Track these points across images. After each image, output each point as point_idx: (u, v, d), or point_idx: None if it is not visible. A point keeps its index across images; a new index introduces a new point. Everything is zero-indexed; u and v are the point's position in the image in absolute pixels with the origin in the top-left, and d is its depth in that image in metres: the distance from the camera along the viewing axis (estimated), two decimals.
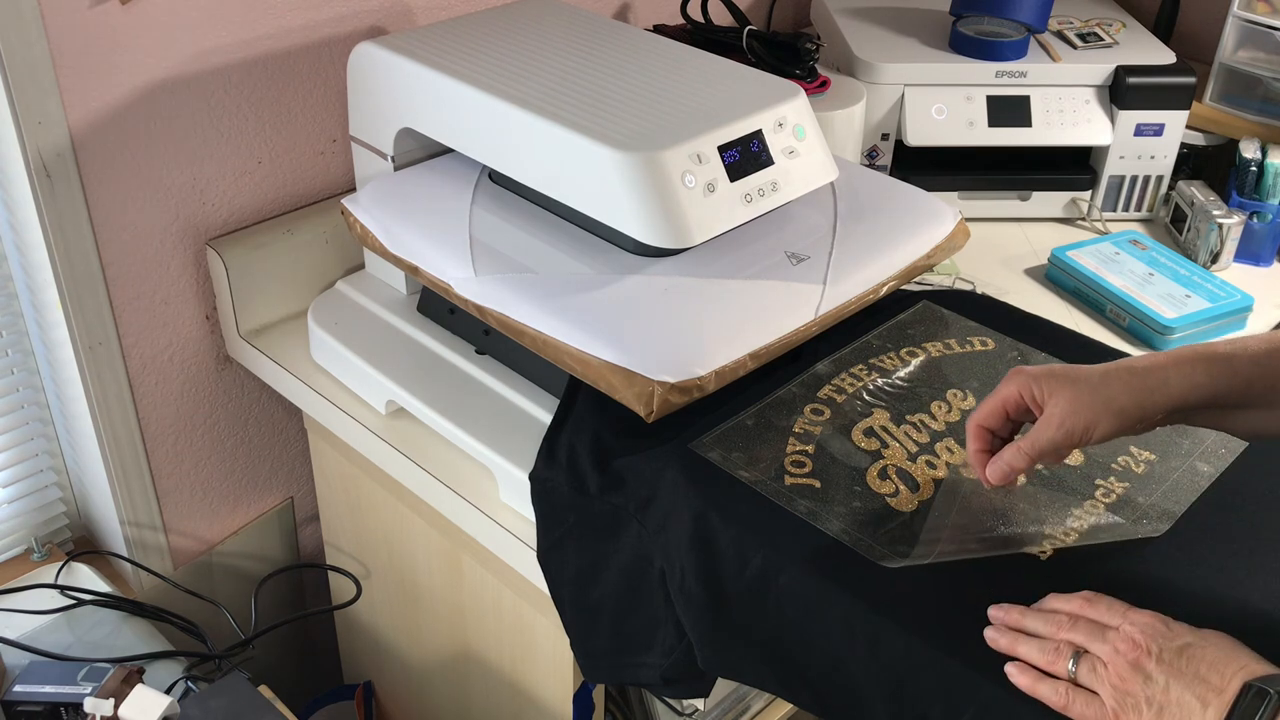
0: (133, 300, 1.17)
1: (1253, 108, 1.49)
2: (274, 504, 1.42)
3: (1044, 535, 0.84)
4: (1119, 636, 0.71)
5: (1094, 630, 0.72)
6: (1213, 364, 0.79)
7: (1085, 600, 0.75)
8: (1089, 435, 0.79)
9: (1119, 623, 0.72)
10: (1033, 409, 0.82)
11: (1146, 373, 0.79)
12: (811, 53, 1.38)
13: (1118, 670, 0.69)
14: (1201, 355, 0.80)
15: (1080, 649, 0.72)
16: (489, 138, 1.02)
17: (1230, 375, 0.79)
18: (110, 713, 0.97)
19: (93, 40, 1.05)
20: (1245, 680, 0.66)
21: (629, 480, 0.92)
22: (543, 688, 1.15)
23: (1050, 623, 0.74)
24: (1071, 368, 0.81)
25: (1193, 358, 0.80)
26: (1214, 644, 0.69)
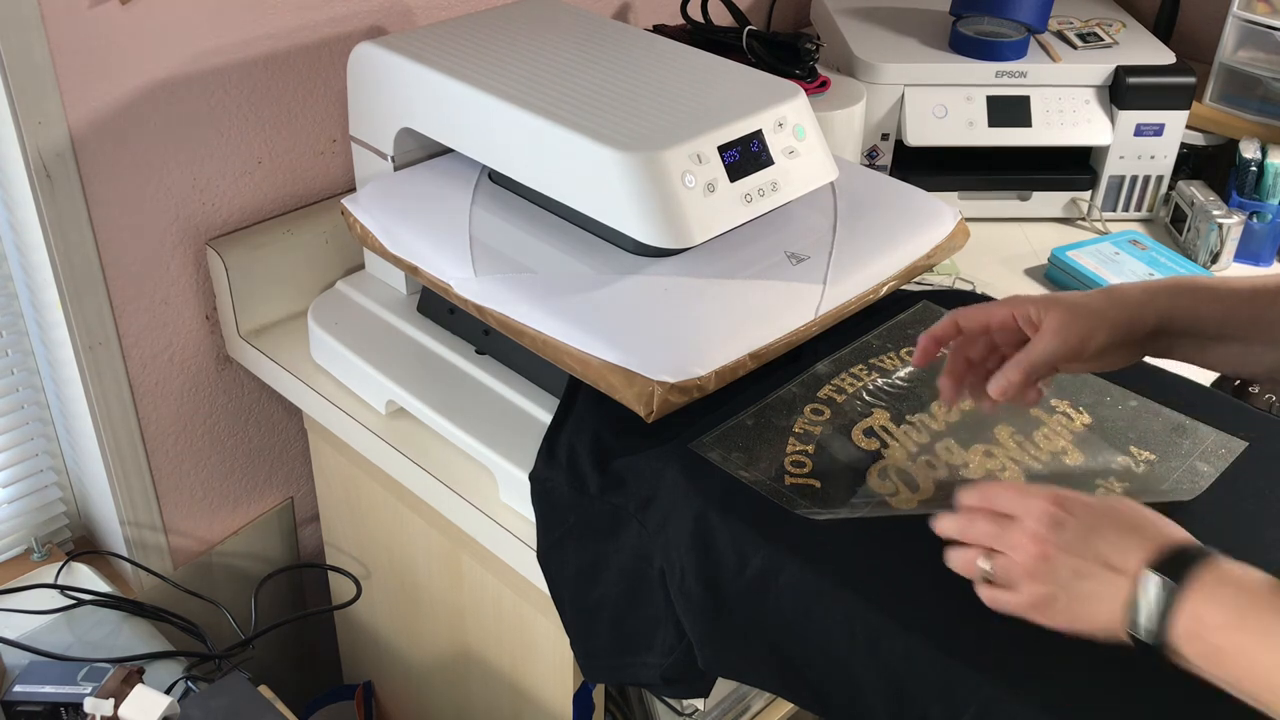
0: (133, 300, 1.17)
1: (1253, 108, 1.49)
2: (274, 504, 1.42)
3: None
4: (1021, 532, 0.72)
5: (996, 528, 0.73)
6: (1197, 290, 0.82)
7: (985, 493, 0.76)
8: (1085, 345, 0.80)
9: (1019, 512, 0.73)
10: (1026, 330, 0.83)
11: (1131, 290, 0.83)
12: (811, 53, 1.38)
13: (1025, 567, 0.71)
14: (1187, 281, 0.83)
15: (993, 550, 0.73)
16: (489, 138, 1.02)
17: (1212, 302, 0.82)
18: (110, 713, 0.97)
19: (93, 40, 1.05)
20: (1145, 560, 0.67)
21: (629, 480, 0.92)
22: (543, 688, 1.15)
23: (961, 523, 0.76)
24: (1055, 294, 0.84)
25: (1176, 283, 0.83)
26: (1110, 518, 0.70)
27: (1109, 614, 0.68)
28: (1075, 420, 0.96)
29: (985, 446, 0.93)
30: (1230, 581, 0.65)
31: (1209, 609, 0.65)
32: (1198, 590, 0.65)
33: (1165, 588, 0.66)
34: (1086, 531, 0.70)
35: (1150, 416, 0.97)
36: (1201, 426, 0.95)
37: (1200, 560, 0.66)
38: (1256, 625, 0.63)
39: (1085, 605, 0.69)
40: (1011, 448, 0.93)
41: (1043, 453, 0.93)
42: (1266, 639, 0.63)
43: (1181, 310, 0.81)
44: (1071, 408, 0.97)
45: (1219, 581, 0.65)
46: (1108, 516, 0.71)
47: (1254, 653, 0.63)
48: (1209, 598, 0.65)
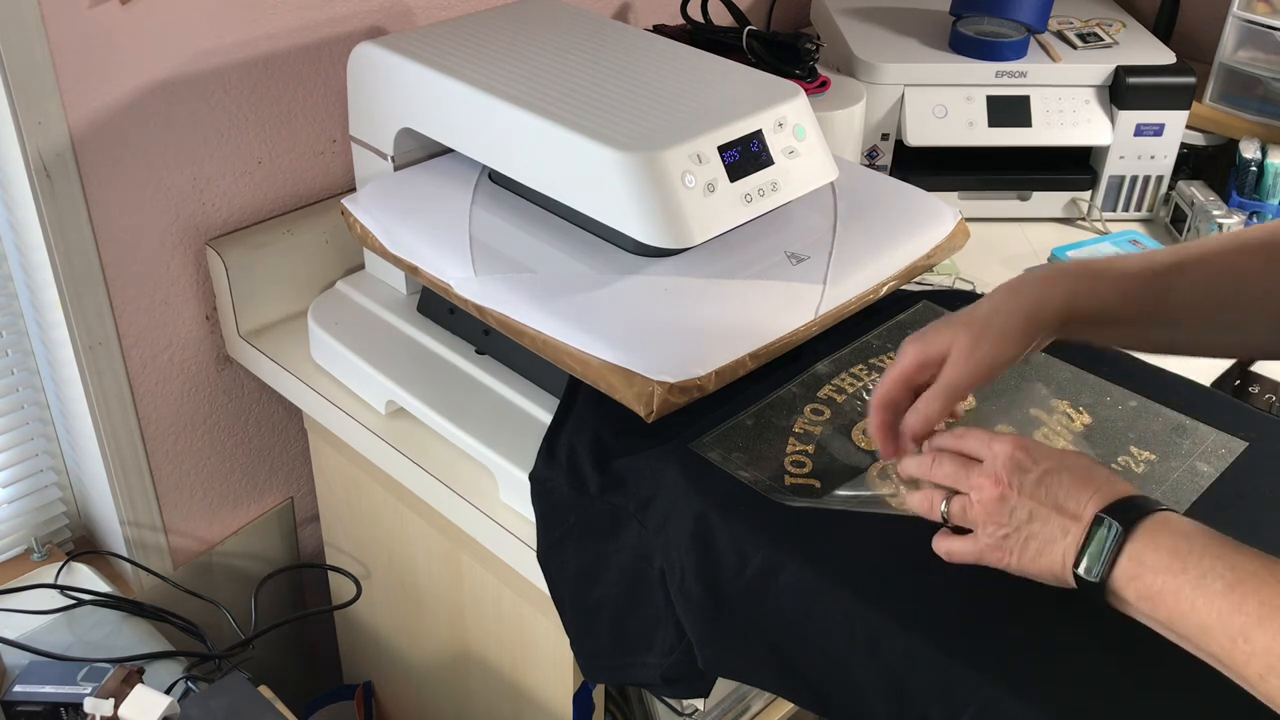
0: (133, 300, 1.17)
1: (1253, 108, 1.49)
2: (274, 504, 1.42)
3: None
4: (982, 472, 0.74)
5: (960, 468, 0.76)
6: (1096, 278, 0.83)
7: (956, 435, 0.78)
8: (997, 362, 0.81)
9: (984, 453, 0.75)
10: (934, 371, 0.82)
11: (1027, 288, 0.82)
12: (811, 53, 1.38)
13: (984, 507, 0.74)
14: (1083, 267, 0.84)
15: (952, 490, 0.76)
16: (489, 138, 1.02)
17: (1112, 287, 0.82)
18: (110, 713, 0.97)
19: (93, 40, 1.05)
20: (1098, 507, 0.70)
21: (629, 480, 0.92)
22: (543, 688, 1.15)
23: (923, 464, 0.78)
24: (952, 315, 0.83)
25: (1075, 270, 0.84)
26: (1070, 469, 0.73)
27: (1058, 556, 0.71)
28: (1075, 420, 0.96)
29: None
30: (1174, 529, 0.68)
31: (1151, 552, 0.68)
32: (1143, 535, 0.68)
33: (1114, 530, 0.69)
34: (1045, 476, 0.73)
35: (1150, 416, 0.97)
36: (1201, 426, 0.95)
37: (1149, 509, 0.70)
38: (1195, 568, 0.66)
39: (1037, 547, 0.72)
40: None
41: None
42: (1202, 580, 0.65)
43: (1082, 299, 0.83)
44: (1071, 408, 0.97)
45: (1164, 529, 0.68)
46: (1066, 466, 0.74)
47: (1189, 595, 0.65)
48: (1152, 542, 0.68)
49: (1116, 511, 0.70)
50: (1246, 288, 0.83)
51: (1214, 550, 0.66)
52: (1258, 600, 0.63)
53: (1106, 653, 0.74)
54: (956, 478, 0.76)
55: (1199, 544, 0.67)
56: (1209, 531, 0.68)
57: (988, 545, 0.74)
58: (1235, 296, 0.83)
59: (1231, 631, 0.63)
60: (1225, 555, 0.66)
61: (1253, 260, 0.83)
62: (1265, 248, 0.83)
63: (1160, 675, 0.73)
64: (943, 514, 0.77)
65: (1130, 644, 0.72)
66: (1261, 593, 0.63)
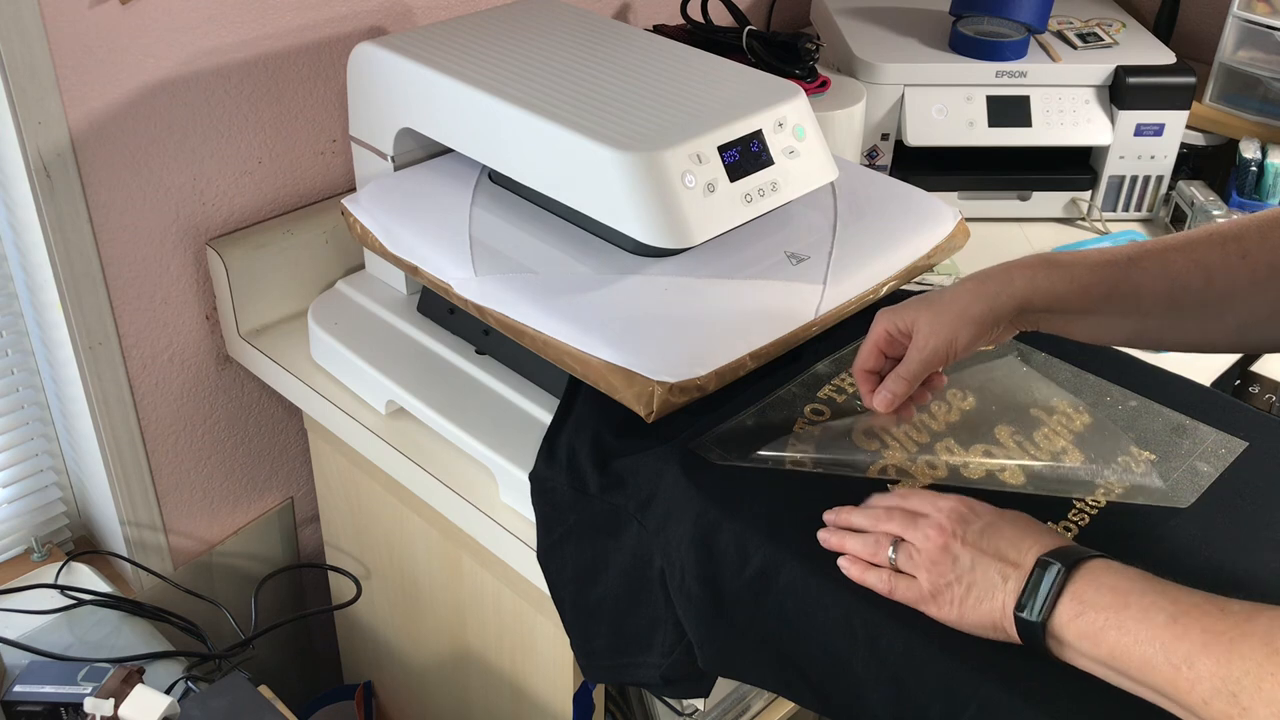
0: (133, 300, 1.17)
1: (1253, 108, 1.49)
2: (274, 504, 1.42)
3: None
4: (929, 523, 0.77)
5: (908, 520, 0.79)
6: (1053, 269, 0.85)
7: (900, 495, 0.82)
8: (954, 347, 0.86)
9: (929, 510, 0.78)
10: (903, 341, 0.89)
11: (991, 277, 0.86)
12: (811, 53, 1.38)
13: (929, 554, 0.76)
14: (1044, 260, 0.86)
15: (898, 538, 0.78)
16: (489, 138, 1.02)
17: (1069, 280, 0.85)
18: (110, 713, 0.97)
19: (93, 40, 1.05)
20: (1039, 554, 0.73)
21: (629, 480, 0.92)
22: (543, 688, 1.15)
23: (871, 517, 0.81)
24: (925, 295, 0.89)
25: (1036, 262, 0.86)
26: (1011, 522, 0.76)
27: (999, 602, 0.73)
28: (1075, 420, 0.96)
29: (985, 446, 0.93)
30: (1115, 571, 0.70)
31: (1093, 591, 0.69)
32: (1085, 576, 0.70)
33: (1056, 572, 0.71)
34: (987, 528, 0.76)
35: (1150, 416, 0.97)
36: (1201, 426, 0.95)
37: (1089, 556, 0.72)
38: (1138, 604, 0.67)
39: (978, 594, 0.74)
40: (1011, 448, 0.93)
41: (1043, 453, 0.93)
42: (1145, 614, 0.67)
43: (1040, 290, 0.85)
44: (1071, 408, 0.97)
45: (1105, 570, 0.70)
46: (1008, 519, 0.77)
47: (1132, 628, 0.67)
48: (1094, 582, 0.70)
49: (1058, 556, 0.72)
50: (1215, 282, 0.83)
51: (1156, 588, 0.68)
52: (1200, 629, 0.64)
53: None
54: (904, 527, 0.79)
55: (1140, 584, 0.69)
56: (1148, 575, 0.70)
57: (930, 592, 0.76)
58: (1203, 290, 0.84)
59: (1175, 660, 0.64)
60: (1167, 592, 0.68)
61: (1224, 254, 0.83)
62: (1238, 240, 0.83)
63: None
64: (890, 559, 0.78)
65: None
66: (1204, 621, 0.64)
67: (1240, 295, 0.83)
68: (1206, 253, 0.84)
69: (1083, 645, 0.69)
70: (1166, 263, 0.84)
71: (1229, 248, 0.83)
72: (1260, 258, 0.83)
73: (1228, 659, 0.62)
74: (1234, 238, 0.83)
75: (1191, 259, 0.84)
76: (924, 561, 0.76)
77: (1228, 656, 0.62)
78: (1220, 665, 0.62)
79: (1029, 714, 0.72)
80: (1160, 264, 0.84)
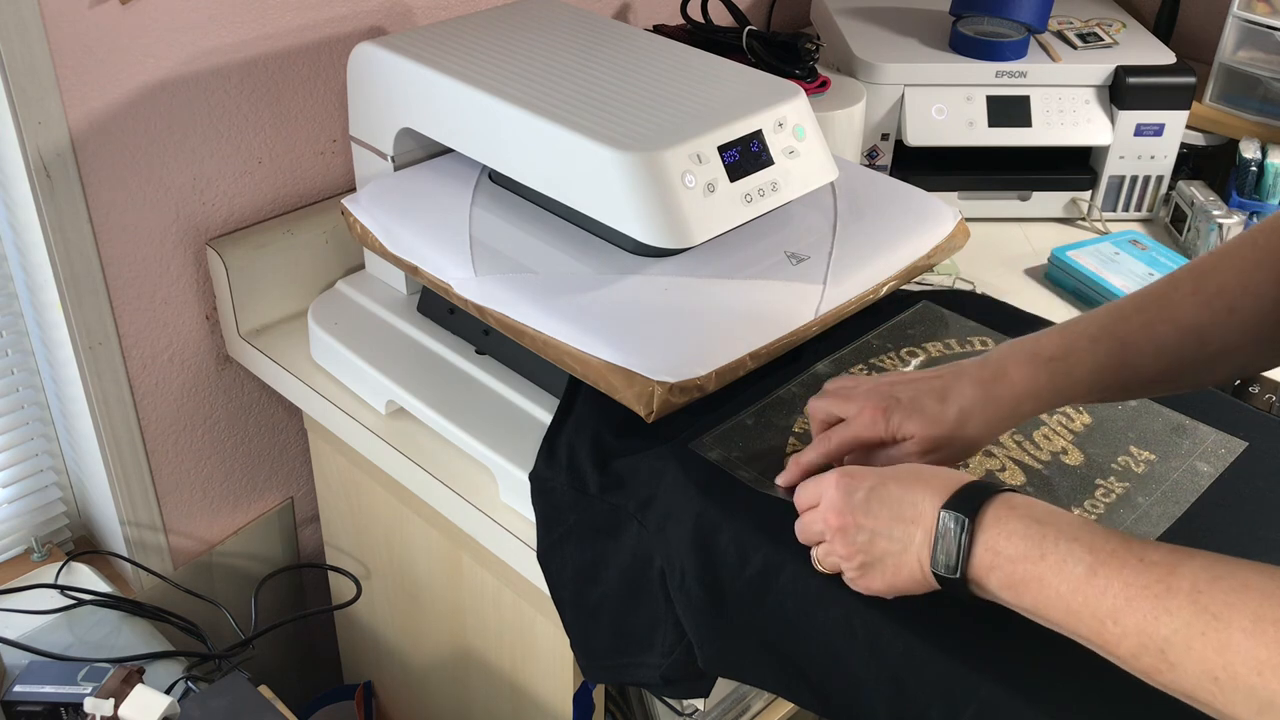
0: (133, 300, 1.17)
1: (1253, 108, 1.49)
2: (274, 504, 1.42)
3: None
4: (820, 513, 0.77)
5: (810, 519, 0.78)
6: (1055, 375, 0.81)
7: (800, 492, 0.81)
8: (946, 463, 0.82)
9: (817, 499, 0.78)
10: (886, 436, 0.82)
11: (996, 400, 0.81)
12: (811, 53, 1.38)
13: (838, 545, 0.76)
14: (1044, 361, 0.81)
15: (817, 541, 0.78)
16: (489, 138, 1.02)
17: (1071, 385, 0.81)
18: (110, 713, 0.97)
19: (93, 40, 1.05)
20: (936, 505, 0.71)
21: (629, 480, 0.92)
22: (543, 688, 1.15)
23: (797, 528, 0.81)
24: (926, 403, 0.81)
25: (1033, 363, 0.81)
26: (896, 479, 0.74)
27: (914, 564, 0.72)
28: (1075, 420, 0.96)
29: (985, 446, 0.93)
30: (1022, 513, 0.68)
31: (1004, 541, 0.68)
32: (991, 523, 0.69)
33: (959, 524, 0.69)
34: (870, 494, 0.74)
35: (1150, 416, 0.97)
36: (1201, 426, 0.95)
37: (988, 495, 0.70)
38: (1054, 554, 0.66)
39: (892, 562, 0.73)
40: (1011, 448, 0.93)
41: (1043, 453, 0.93)
42: (1063, 566, 0.65)
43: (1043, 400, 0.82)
44: (1071, 407, 0.97)
45: (1011, 514, 0.68)
46: (890, 477, 0.74)
47: (1052, 582, 0.66)
48: (1003, 530, 0.68)
49: (957, 503, 0.70)
50: (1210, 344, 0.81)
51: (1069, 532, 0.66)
52: (1122, 582, 0.63)
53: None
54: (808, 530, 0.79)
55: (1052, 528, 0.67)
56: (1058, 511, 0.69)
57: (856, 575, 0.76)
58: (1197, 354, 0.81)
59: (1100, 615, 0.64)
60: (1082, 537, 0.66)
61: (1211, 313, 0.80)
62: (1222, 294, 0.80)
63: None
64: (818, 563, 0.79)
65: None
66: (1124, 574, 0.63)
67: (1234, 349, 0.81)
68: (1193, 316, 0.80)
69: (1005, 596, 0.69)
70: (1159, 340, 0.81)
71: (1215, 304, 0.80)
72: (1247, 309, 0.80)
73: (1154, 617, 0.61)
74: (1217, 291, 0.80)
75: (1179, 327, 0.81)
76: (837, 549, 0.76)
77: (1154, 614, 0.61)
78: (1147, 622, 0.62)
79: (1029, 714, 0.72)
80: (1153, 344, 0.81)
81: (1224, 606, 0.59)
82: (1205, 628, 0.59)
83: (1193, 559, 0.62)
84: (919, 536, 0.71)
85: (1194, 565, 0.62)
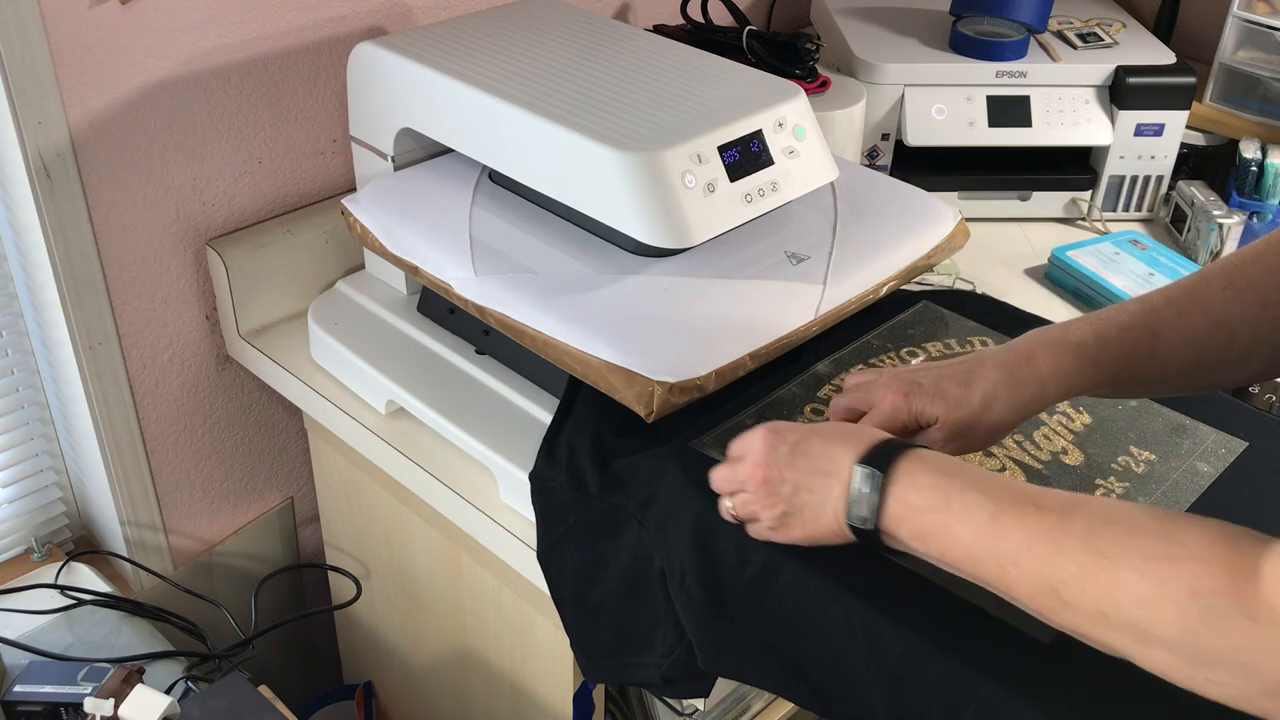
0: (133, 300, 1.17)
1: (1253, 108, 1.49)
2: (274, 504, 1.42)
3: None
4: (745, 465, 0.79)
5: (730, 470, 0.81)
6: (1083, 360, 0.82)
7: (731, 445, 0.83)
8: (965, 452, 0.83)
9: (743, 452, 0.80)
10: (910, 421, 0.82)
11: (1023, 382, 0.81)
12: (811, 53, 1.38)
13: (756, 492, 0.78)
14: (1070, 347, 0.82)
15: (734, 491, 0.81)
16: (489, 138, 1.02)
17: (1097, 371, 0.82)
18: (110, 713, 0.97)
19: (93, 40, 1.05)
20: (853, 459, 0.74)
21: (629, 480, 0.92)
22: (543, 688, 1.15)
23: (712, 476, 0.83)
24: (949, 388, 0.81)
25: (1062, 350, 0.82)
26: (820, 435, 0.77)
27: (831, 515, 0.75)
28: (1075, 420, 0.96)
29: None
30: (931, 467, 0.72)
31: (914, 493, 0.71)
32: (902, 477, 0.72)
33: (873, 478, 0.72)
34: (796, 447, 0.77)
35: (1150, 416, 0.97)
36: (1201, 426, 0.95)
37: (901, 451, 0.73)
38: (958, 503, 0.69)
39: (812, 513, 0.76)
40: (1011, 447, 0.93)
41: (1043, 452, 0.93)
42: (966, 514, 0.69)
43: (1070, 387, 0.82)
44: (1071, 408, 0.97)
45: (920, 467, 0.72)
46: (816, 432, 0.78)
47: (957, 530, 0.69)
48: (913, 483, 0.71)
49: (872, 459, 0.73)
50: (1239, 338, 0.81)
51: (973, 485, 0.70)
52: (1020, 528, 0.67)
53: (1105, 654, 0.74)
54: (729, 480, 0.81)
55: (958, 480, 0.70)
56: (965, 466, 0.72)
57: (772, 525, 0.78)
58: (1227, 348, 0.81)
59: (1001, 559, 0.67)
60: (984, 488, 0.69)
61: (1242, 306, 0.81)
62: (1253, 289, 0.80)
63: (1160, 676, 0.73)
64: (730, 512, 0.81)
65: None
66: (1023, 520, 0.67)
67: (1264, 343, 0.81)
68: (1224, 308, 0.81)
69: (915, 545, 0.72)
70: (1188, 330, 0.82)
71: (1246, 298, 0.81)
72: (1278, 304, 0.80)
73: (1049, 560, 0.65)
74: (1249, 286, 0.81)
75: (1210, 319, 0.81)
76: (755, 500, 0.79)
77: (1049, 557, 0.65)
78: (1043, 565, 0.65)
79: (1029, 714, 0.72)
80: (1183, 333, 0.82)
81: (1114, 548, 0.63)
82: (1097, 568, 0.63)
83: (1086, 504, 0.66)
84: (836, 490, 0.74)
85: (1087, 510, 0.65)
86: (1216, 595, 0.59)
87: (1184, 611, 0.60)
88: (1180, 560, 0.60)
